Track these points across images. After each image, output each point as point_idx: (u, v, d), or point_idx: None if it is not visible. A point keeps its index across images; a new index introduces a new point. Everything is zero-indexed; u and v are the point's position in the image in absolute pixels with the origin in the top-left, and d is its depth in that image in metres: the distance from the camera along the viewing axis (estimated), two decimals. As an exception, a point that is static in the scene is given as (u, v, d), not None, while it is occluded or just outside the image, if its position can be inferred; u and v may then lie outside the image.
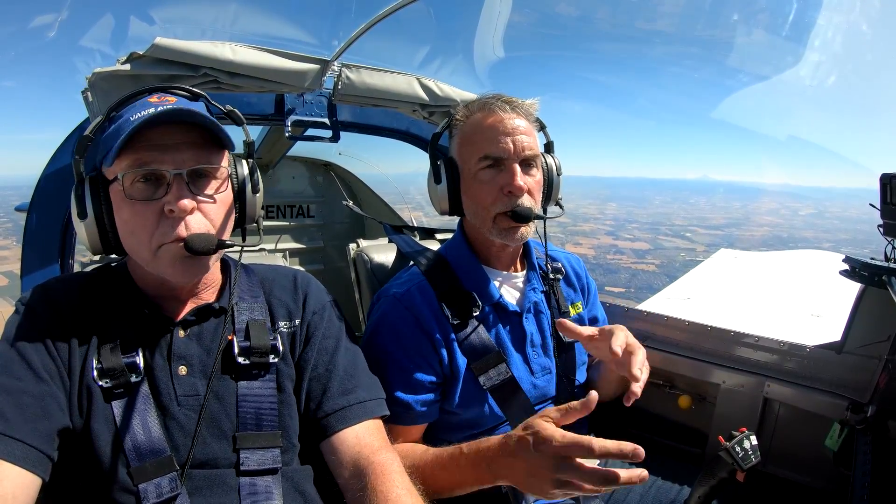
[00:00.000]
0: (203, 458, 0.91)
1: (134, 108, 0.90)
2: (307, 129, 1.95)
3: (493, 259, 1.33)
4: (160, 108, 0.86)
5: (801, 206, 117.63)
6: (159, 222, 0.87)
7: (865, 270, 1.31)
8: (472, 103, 1.30)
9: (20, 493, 0.76)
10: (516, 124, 1.22)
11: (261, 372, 0.98)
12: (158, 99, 0.91)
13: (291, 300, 1.08)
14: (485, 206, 1.23)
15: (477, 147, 1.23)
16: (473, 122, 1.26)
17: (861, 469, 1.19)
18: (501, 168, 1.21)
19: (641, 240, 68.07)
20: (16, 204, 3.91)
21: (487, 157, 1.22)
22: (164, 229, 0.87)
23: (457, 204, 1.30)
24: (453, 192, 1.29)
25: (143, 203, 0.87)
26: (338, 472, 0.98)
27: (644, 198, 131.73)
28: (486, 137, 1.22)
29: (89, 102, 1.38)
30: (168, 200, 0.87)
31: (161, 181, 0.88)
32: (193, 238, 0.88)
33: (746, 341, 1.63)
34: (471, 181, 1.25)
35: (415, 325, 1.22)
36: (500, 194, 1.21)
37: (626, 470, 0.83)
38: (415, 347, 1.21)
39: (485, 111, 1.25)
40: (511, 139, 1.20)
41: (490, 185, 1.22)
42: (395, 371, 1.19)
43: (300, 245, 2.75)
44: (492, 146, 1.21)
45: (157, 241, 0.88)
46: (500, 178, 1.21)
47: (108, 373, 0.87)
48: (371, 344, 1.24)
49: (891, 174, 1.28)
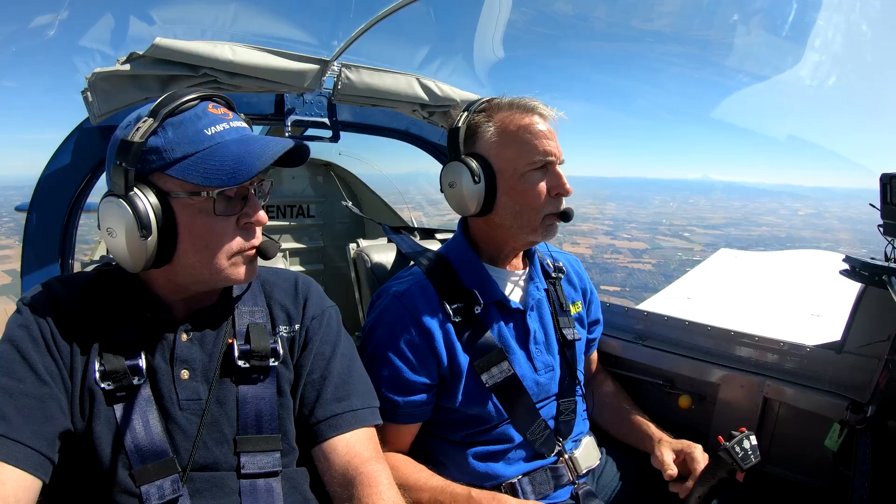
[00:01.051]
0: (204, 461, 0.91)
1: (202, 119, 0.89)
2: (307, 128, 1.95)
3: (498, 258, 1.33)
4: (280, 144, 0.90)
5: (800, 206, 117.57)
6: (235, 233, 0.91)
7: (865, 270, 1.31)
8: (504, 104, 1.28)
9: (22, 496, 0.76)
10: (552, 127, 1.26)
11: (260, 376, 0.98)
12: (218, 111, 0.92)
13: (292, 304, 1.08)
14: (534, 208, 1.24)
15: (525, 148, 1.23)
16: (514, 123, 1.25)
17: (861, 469, 1.19)
18: (546, 170, 1.24)
19: (639, 239, 68.15)
20: (17, 204, 3.91)
21: (538, 159, 1.23)
22: (242, 240, 0.92)
23: (489, 204, 1.26)
24: (490, 191, 1.25)
25: (223, 217, 0.89)
26: (327, 480, 0.99)
27: (644, 198, 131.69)
28: (534, 139, 1.23)
29: (89, 102, 1.38)
30: (247, 213, 0.92)
31: (235, 195, 0.91)
32: (267, 244, 0.95)
33: (746, 341, 1.63)
34: (516, 182, 1.24)
35: (412, 324, 1.22)
36: (548, 196, 1.24)
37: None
38: (409, 348, 1.21)
39: (525, 113, 1.25)
40: (554, 143, 1.24)
41: (537, 188, 1.23)
42: (386, 369, 1.20)
43: (300, 245, 2.75)
44: (542, 148, 1.23)
45: (235, 251, 0.91)
46: (548, 180, 1.24)
47: (111, 375, 0.87)
48: (367, 340, 1.26)
49: (891, 174, 1.28)
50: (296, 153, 0.96)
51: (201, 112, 0.90)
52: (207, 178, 0.85)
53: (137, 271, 0.89)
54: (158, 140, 0.86)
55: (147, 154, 0.86)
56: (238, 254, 0.92)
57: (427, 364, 1.22)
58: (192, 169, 0.86)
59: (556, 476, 1.31)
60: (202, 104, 0.91)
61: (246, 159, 0.86)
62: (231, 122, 0.92)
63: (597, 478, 1.43)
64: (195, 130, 0.87)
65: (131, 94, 1.41)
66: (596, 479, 1.43)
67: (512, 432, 1.28)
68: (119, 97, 1.40)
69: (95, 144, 1.53)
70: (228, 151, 0.87)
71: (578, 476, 1.34)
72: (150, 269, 0.89)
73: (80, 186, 1.54)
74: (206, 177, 0.85)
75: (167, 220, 0.86)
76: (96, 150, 1.54)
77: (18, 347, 0.84)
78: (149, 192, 0.85)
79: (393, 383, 1.20)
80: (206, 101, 0.92)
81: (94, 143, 1.53)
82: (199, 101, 0.91)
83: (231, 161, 0.86)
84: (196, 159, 0.86)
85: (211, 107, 0.92)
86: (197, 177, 0.85)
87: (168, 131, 0.86)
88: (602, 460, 1.45)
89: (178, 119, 0.87)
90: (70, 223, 1.55)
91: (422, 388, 1.22)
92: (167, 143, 0.86)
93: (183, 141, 0.86)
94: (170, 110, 0.86)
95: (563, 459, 1.33)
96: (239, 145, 0.88)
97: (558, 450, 1.32)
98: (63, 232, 1.54)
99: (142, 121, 0.86)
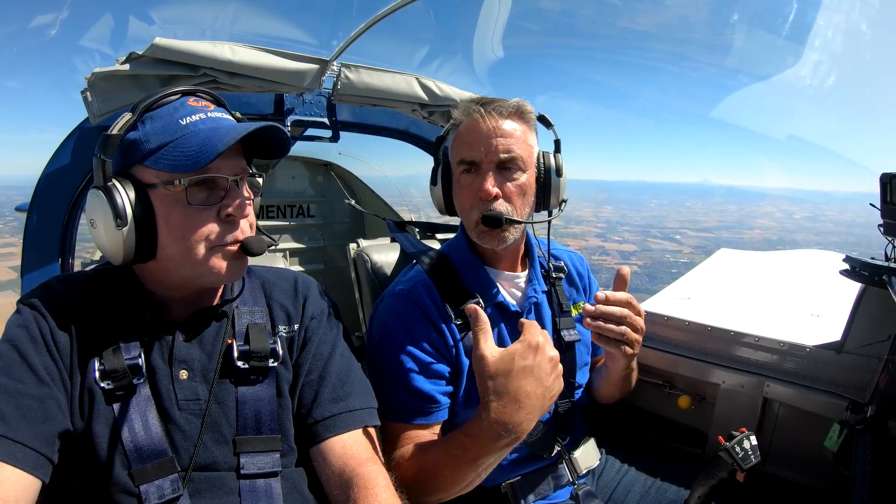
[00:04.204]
0: (203, 461, 0.91)
1: (179, 110, 0.90)
2: (307, 128, 1.95)
3: (494, 259, 1.33)
4: (246, 125, 0.89)
5: (797, 210, 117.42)
6: (215, 225, 0.89)
7: (865, 270, 1.31)
8: (462, 103, 1.28)
9: (21, 496, 0.76)
10: (493, 127, 1.20)
11: (260, 376, 0.98)
12: (198, 103, 0.92)
13: (291, 304, 1.07)
14: (465, 211, 1.25)
15: (456, 152, 1.25)
16: (459, 126, 1.26)
17: (861, 469, 1.19)
18: (477, 172, 1.21)
19: (630, 242, 68.28)
20: (17, 204, 3.91)
21: (463, 161, 1.22)
22: (221, 232, 0.90)
23: (450, 206, 1.33)
24: (446, 193, 1.31)
25: (201, 208, 0.88)
26: (324, 481, 0.98)
27: (640, 201, 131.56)
28: (464, 142, 1.22)
29: (89, 102, 1.38)
30: (226, 205, 0.90)
31: (215, 186, 0.89)
32: (251, 240, 0.92)
33: (746, 341, 1.63)
34: (456, 185, 1.27)
35: (424, 318, 1.21)
36: (476, 199, 1.21)
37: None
38: (427, 339, 1.20)
39: (465, 115, 1.24)
40: (486, 143, 1.19)
41: (468, 190, 1.22)
42: (412, 363, 1.17)
43: (300, 245, 2.75)
44: (466, 150, 1.21)
45: (214, 244, 0.89)
46: (475, 183, 1.21)
47: (111, 374, 0.87)
48: (382, 342, 1.22)
49: (891, 174, 1.28)
50: (276, 140, 0.95)
51: (179, 105, 0.91)
52: (175, 165, 0.85)
53: (119, 263, 0.89)
54: (137, 133, 0.88)
55: (127, 147, 0.88)
56: (218, 247, 0.90)
57: (444, 353, 1.21)
58: (164, 158, 0.86)
59: (555, 476, 1.31)
60: (183, 98, 0.92)
61: (210, 142, 0.85)
62: (210, 112, 0.91)
63: (597, 478, 1.43)
64: (171, 121, 0.88)
65: (131, 94, 1.41)
66: (596, 479, 1.43)
67: None
68: (119, 97, 1.40)
69: (95, 144, 1.54)
70: (197, 138, 0.87)
71: (578, 476, 1.34)
72: (135, 262, 0.89)
73: (80, 186, 1.54)
74: (175, 164, 0.85)
75: (145, 212, 0.86)
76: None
77: (18, 347, 0.83)
78: (127, 184, 0.86)
79: (424, 374, 1.17)
80: (188, 96, 0.93)
81: (94, 143, 1.53)
82: (182, 95, 0.92)
83: (197, 146, 0.86)
84: (168, 148, 0.87)
85: (192, 100, 0.92)
86: (167, 165, 0.86)
87: (147, 124, 0.88)
88: (602, 460, 1.45)
89: (157, 112, 0.89)
90: (70, 223, 1.55)
91: (448, 377, 1.21)
92: (144, 135, 0.87)
93: (158, 132, 0.87)
94: (148, 104, 0.88)
95: (562, 460, 1.33)
96: (208, 132, 0.88)
97: (558, 451, 1.32)
98: (63, 231, 1.54)
99: (121, 116, 0.88)
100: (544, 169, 1.27)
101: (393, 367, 1.17)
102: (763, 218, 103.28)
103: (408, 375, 1.16)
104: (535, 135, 1.28)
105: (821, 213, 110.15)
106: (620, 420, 1.79)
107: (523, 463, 1.28)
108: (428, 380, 1.18)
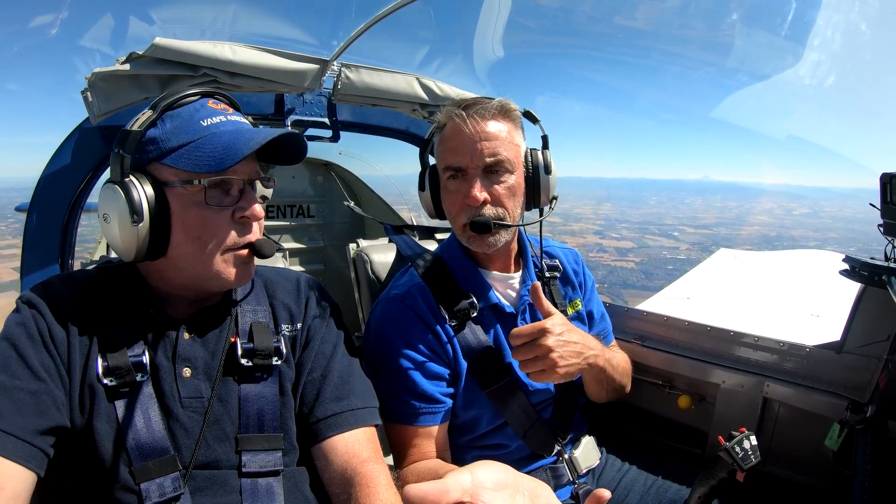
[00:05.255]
0: (205, 459, 0.91)
1: (199, 111, 0.91)
2: (307, 128, 1.95)
3: (486, 261, 1.32)
4: (270, 131, 0.90)
5: (796, 206, 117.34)
6: (229, 227, 0.90)
7: (865, 270, 1.31)
8: (447, 107, 1.26)
9: (14, 486, 0.76)
10: (477, 130, 1.17)
11: (263, 374, 0.98)
12: (217, 105, 0.94)
13: (294, 303, 1.08)
14: (453, 216, 1.25)
15: (442, 157, 1.24)
16: (444, 129, 1.25)
17: (861, 469, 1.19)
18: (464, 178, 1.20)
19: (627, 239, 68.34)
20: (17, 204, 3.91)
21: (449, 167, 1.21)
22: (234, 234, 0.91)
23: (439, 210, 1.32)
24: (435, 198, 1.31)
25: (217, 209, 0.89)
26: (326, 479, 0.98)
27: (640, 198, 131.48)
28: (448, 147, 1.21)
29: (89, 102, 1.38)
30: (242, 207, 0.91)
31: (229, 187, 0.90)
32: (262, 243, 0.94)
33: (746, 341, 1.63)
34: (443, 190, 1.26)
35: (419, 321, 1.22)
36: (464, 204, 1.20)
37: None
38: (423, 342, 1.20)
39: (447, 119, 1.23)
40: (471, 148, 1.17)
41: (455, 196, 1.22)
42: (411, 365, 1.18)
43: (300, 245, 2.75)
44: (451, 157, 1.20)
45: (227, 245, 0.90)
46: (463, 189, 1.20)
47: (114, 371, 0.87)
48: (380, 346, 1.22)
49: (891, 173, 1.28)
50: (293, 147, 0.96)
51: (200, 106, 0.92)
52: (197, 165, 0.86)
53: (131, 259, 0.89)
54: (157, 131, 0.88)
55: (146, 144, 0.88)
56: (231, 250, 0.91)
57: (441, 355, 1.22)
58: (185, 157, 0.87)
59: (555, 476, 1.31)
60: (203, 99, 0.93)
61: (234, 145, 0.86)
62: (230, 115, 0.93)
63: (597, 478, 1.43)
64: (192, 121, 0.89)
65: (131, 94, 1.41)
66: (596, 479, 1.43)
67: (510, 434, 1.28)
68: (119, 97, 1.40)
69: (95, 144, 1.53)
70: (220, 140, 0.88)
71: (579, 476, 1.34)
72: (145, 259, 0.89)
73: (80, 186, 1.54)
74: (197, 164, 0.86)
75: (161, 210, 0.87)
76: (96, 150, 1.54)
77: (15, 345, 0.84)
78: (144, 181, 0.86)
79: (424, 375, 1.18)
80: (208, 97, 0.94)
81: (94, 143, 1.53)
82: (201, 96, 0.93)
83: (221, 148, 0.87)
84: (190, 148, 0.87)
85: (211, 102, 0.94)
86: (188, 164, 0.86)
87: (167, 123, 0.89)
88: (602, 460, 1.45)
89: (178, 112, 0.90)
90: (70, 223, 1.55)
91: (447, 378, 1.21)
92: (164, 133, 0.88)
93: (179, 131, 0.88)
94: (169, 103, 0.89)
95: (562, 460, 1.33)
96: (231, 135, 0.89)
97: (557, 450, 1.32)
98: (63, 232, 1.54)
99: (142, 112, 0.89)
100: (532, 167, 1.26)
101: (394, 371, 1.17)
102: (762, 214, 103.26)
103: (409, 378, 1.16)
104: (522, 132, 1.27)
105: (820, 209, 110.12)
106: (620, 420, 1.79)
107: (523, 462, 1.28)
108: (429, 381, 1.18)
